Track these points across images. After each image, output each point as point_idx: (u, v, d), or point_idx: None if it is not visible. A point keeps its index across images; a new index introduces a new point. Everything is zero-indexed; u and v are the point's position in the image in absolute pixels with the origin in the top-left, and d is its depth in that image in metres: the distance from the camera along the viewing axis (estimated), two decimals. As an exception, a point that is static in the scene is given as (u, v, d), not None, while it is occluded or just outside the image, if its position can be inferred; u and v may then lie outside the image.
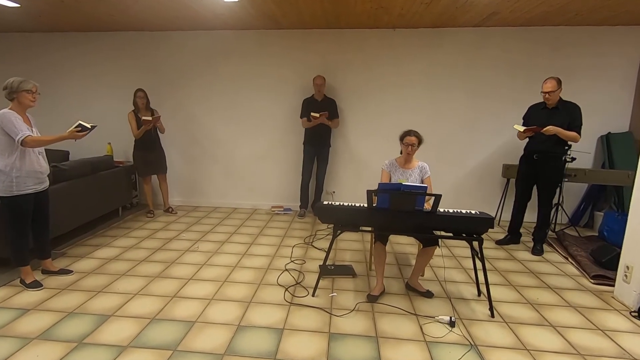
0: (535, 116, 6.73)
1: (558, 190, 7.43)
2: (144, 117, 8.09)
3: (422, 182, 5.48)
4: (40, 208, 5.41)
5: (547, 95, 6.48)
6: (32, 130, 5.13)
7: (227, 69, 9.12)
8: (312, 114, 8.03)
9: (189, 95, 9.32)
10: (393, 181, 5.46)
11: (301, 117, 8.57)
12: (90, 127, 5.24)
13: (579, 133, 6.45)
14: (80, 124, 5.19)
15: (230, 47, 9.03)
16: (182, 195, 9.79)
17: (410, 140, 5.36)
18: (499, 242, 7.37)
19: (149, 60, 9.30)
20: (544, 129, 6.46)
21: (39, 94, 5.18)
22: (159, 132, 8.64)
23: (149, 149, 8.54)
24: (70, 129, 5.16)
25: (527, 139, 6.94)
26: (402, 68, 8.61)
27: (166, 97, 9.32)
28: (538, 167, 6.77)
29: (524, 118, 6.92)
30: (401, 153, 5.53)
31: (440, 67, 8.51)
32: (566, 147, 6.63)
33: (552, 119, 6.50)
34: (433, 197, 4.57)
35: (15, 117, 4.94)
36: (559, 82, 6.42)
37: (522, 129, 6.57)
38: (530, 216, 7.75)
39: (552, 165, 6.68)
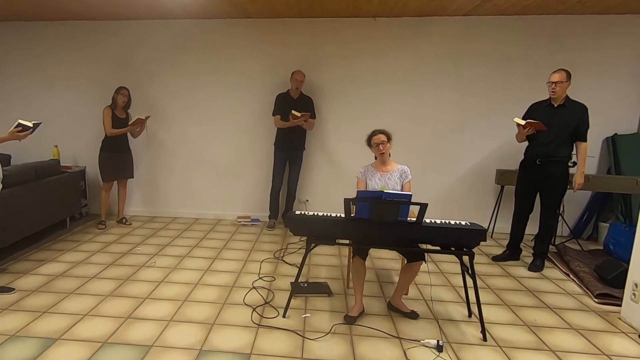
0: (537, 115, 6.65)
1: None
2: (138, 117, 8.18)
3: (402, 188, 5.50)
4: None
5: (553, 86, 6.47)
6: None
7: (189, 63, 9.13)
8: (293, 112, 8.01)
9: (146, 93, 9.30)
10: (371, 188, 5.48)
11: (274, 115, 8.55)
12: (32, 125, 5.23)
13: (586, 139, 6.51)
14: (20, 123, 5.18)
15: (192, 39, 9.04)
16: (137, 205, 9.77)
17: (379, 139, 5.44)
18: (496, 259, 7.39)
19: (102, 54, 9.27)
20: (576, 185, 6.65)
21: None
22: (128, 134, 8.64)
23: (119, 151, 8.56)
24: (10, 130, 5.15)
25: (526, 142, 6.93)
26: (384, 62, 8.68)
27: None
28: (541, 173, 6.75)
29: (523, 118, 6.82)
30: (375, 159, 5.57)
31: (426, 61, 8.58)
32: (573, 151, 6.66)
33: (557, 119, 6.52)
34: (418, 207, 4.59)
35: None
36: (568, 75, 6.45)
37: (522, 122, 6.55)
38: (532, 229, 7.59)
39: (558, 170, 6.68)
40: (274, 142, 8.74)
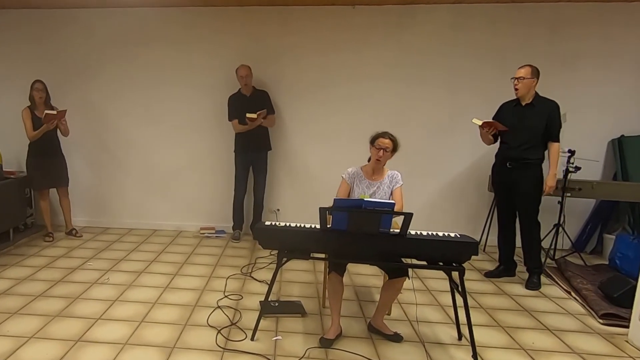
0: (505, 115, 6.87)
1: (558, 207, 7.51)
2: (47, 112, 7.95)
3: (392, 194, 5.51)
4: None
5: (516, 82, 6.62)
6: None
7: (145, 57, 9.09)
8: (248, 115, 8.01)
9: (97, 90, 9.25)
10: (355, 195, 5.50)
11: (230, 120, 8.57)
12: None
13: (558, 139, 6.60)
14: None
15: (149, 30, 9.01)
16: (88, 215, 9.70)
17: (384, 143, 5.41)
18: (489, 275, 7.44)
19: (47, 46, 9.21)
20: (547, 188, 6.75)
21: None
22: (59, 135, 8.55)
23: (48, 156, 8.46)
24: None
25: (496, 143, 7.05)
26: (364, 55, 8.69)
27: (68, 92, 9.12)
28: (513, 177, 6.85)
29: (493, 119, 6.99)
30: (369, 161, 5.57)
31: (411, 54, 8.61)
32: (545, 151, 6.72)
33: (525, 119, 6.66)
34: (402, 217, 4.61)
35: None
36: (535, 71, 6.58)
37: (479, 122, 6.73)
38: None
39: (529, 174, 6.78)
40: (233, 149, 8.76)
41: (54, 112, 7.98)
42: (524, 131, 6.64)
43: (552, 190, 6.85)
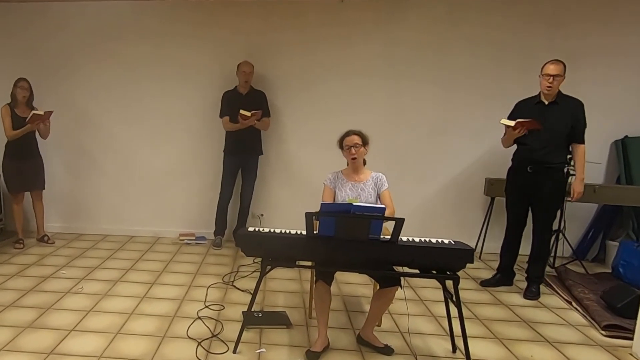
0: (527, 114, 6.66)
1: (559, 212, 7.50)
2: (34, 112, 7.97)
3: (379, 198, 5.52)
4: None
5: (550, 80, 6.48)
6: None
7: (123, 52, 9.08)
8: (242, 112, 7.98)
9: (73, 89, 9.23)
10: (340, 199, 5.52)
11: (221, 116, 8.56)
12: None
13: (583, 141, 6.56)
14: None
15: (128, 24, 9.01)
16: (61, 220, 9.67)
17: (351, 141, 5.47)
18: (485, 283, 7.44)
19: (20, 41, 9.18)
20: (575, 194, 6.70)
21: None
22: (38, 137, 8.54)
23: (25, 157, 8.44)
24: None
25: (514, 145, 6.95)
26: (352, 51, 8.71)
27: (42, 91, 8.95)
28: (533, 182, 6.77)
29: (509, 118, 6.87)
30: (348, 165, 5.59)
31: (403, 49, 8.62)
32: (569, 155, 6.70)
33: (549, 119, 6.55)
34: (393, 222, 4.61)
35: None
36: (565, 68, 6.51)
37: (512, 123, 6.53)
38: (526, 248, 7.50)
39: (553, 179, 6.72)
40: (223, 149, 8.73)
41: (41, 112, 7.98)
42: (546, 132, 6.49)
43: (581, 196, 6.83)
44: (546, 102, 6.64)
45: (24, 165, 8.43)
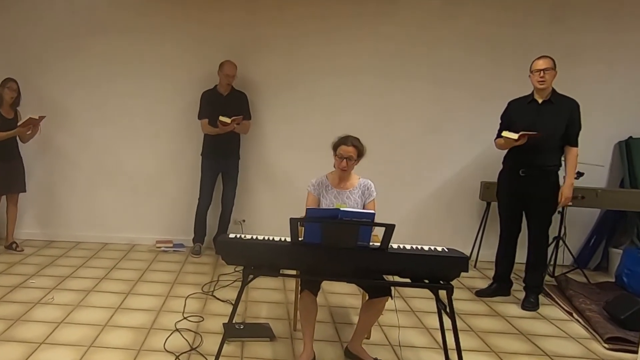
0: (519, 114, 6.76)
1: (559, 217, 7.50)
2: (31, 116, 8.00)
3: (365, 208, 5.51)
4: None
5: (542, 75, 6.49)
6: None
7: (97, 49, 9.01)
8: (222, 118, 7.98)
9: (43, 87, 9.16)
10: (324, 207, 5.49)
11: (200, 118, 8.56)
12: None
13: (577, 144, 6.58)
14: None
15: (97, 18, 8.93)
16: (30, 226, 9.60)
17: (347, 152, 5.43)
18: (480, 293, 7.45)
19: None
20: (563, 199, 6.72)
21: None
22: (18, 139, 8.52)
23: (7, 159, 8.42)
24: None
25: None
26: (339, 47, 8.71)
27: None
28: (526, 186, 6.79)
29: (502, 118, 6.99)
30: (335, 167, 5.57)
31: (392, 45, 8.63)
32: (563, 157, 6.70)
33: (543, 118, 6.59)
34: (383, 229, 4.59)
35: None
36: (554, 63, 6.54)
37: (515, 136, 6.49)
38: (523, 256, 7.46)
39: (547, 182, 6.76)
40: (201, 152, 8.73)
41: (36, 117, 8.00)
42: (540, 132, 6.49)
43: (568, 202, 6.84)
44: (540, 101, 6.67)
45: (4, 168, 8.39)
